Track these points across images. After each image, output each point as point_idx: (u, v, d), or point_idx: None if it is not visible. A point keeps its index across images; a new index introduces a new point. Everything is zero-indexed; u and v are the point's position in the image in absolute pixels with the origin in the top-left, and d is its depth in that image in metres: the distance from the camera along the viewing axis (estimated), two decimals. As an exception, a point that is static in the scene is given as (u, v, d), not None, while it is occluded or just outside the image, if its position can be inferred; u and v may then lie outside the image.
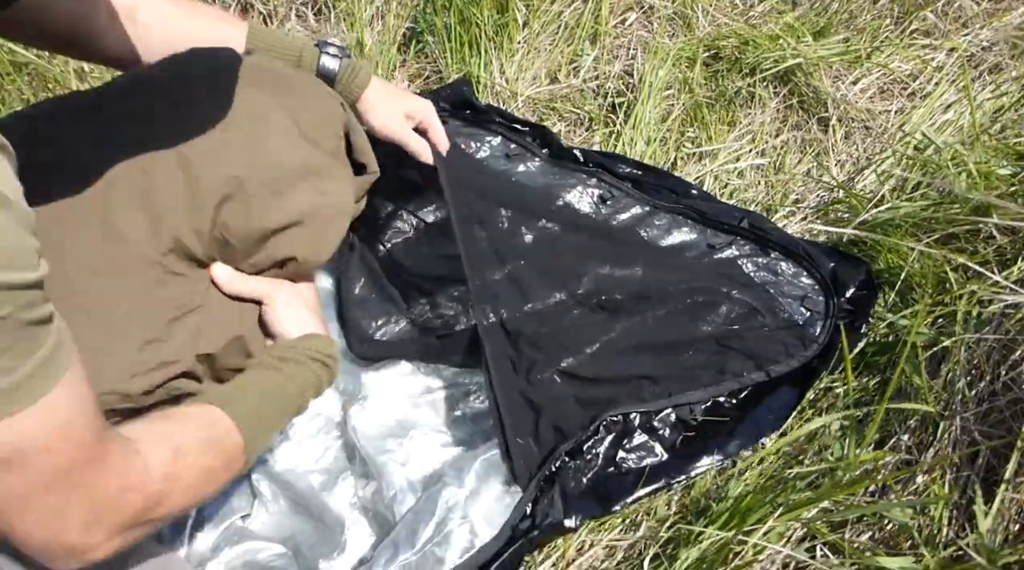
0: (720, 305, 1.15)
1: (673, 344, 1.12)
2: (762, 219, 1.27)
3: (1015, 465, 0.85)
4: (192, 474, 0.68)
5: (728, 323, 1.14)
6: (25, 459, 0.52)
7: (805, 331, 1.13)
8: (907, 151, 1.37)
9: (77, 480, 0.56)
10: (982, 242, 1.08)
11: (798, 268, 1.21)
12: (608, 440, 1.04)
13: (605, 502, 1.00)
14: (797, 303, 1.17)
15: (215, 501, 1.00)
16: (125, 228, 0.79)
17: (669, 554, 0.93)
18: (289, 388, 0.84)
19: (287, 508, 1.03)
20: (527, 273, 1.15)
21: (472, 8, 1.58)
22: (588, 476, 1.02)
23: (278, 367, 0.85)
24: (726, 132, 1.49)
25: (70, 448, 0.54)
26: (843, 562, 0.87)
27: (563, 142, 1.41)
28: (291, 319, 0.90)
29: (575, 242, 1.20)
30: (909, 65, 1.54)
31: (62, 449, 0.54)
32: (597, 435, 1.04)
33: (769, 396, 1.09)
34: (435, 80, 1.66)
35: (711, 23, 1.64)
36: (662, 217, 1.27)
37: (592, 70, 1.62)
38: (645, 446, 1.05)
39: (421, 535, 0.94)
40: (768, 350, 1.11)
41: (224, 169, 0.82)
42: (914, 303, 1.10)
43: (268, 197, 0.84)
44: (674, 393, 1.07)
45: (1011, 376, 0.91)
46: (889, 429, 1.00)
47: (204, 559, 0.95)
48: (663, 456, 1.04)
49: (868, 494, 0.95)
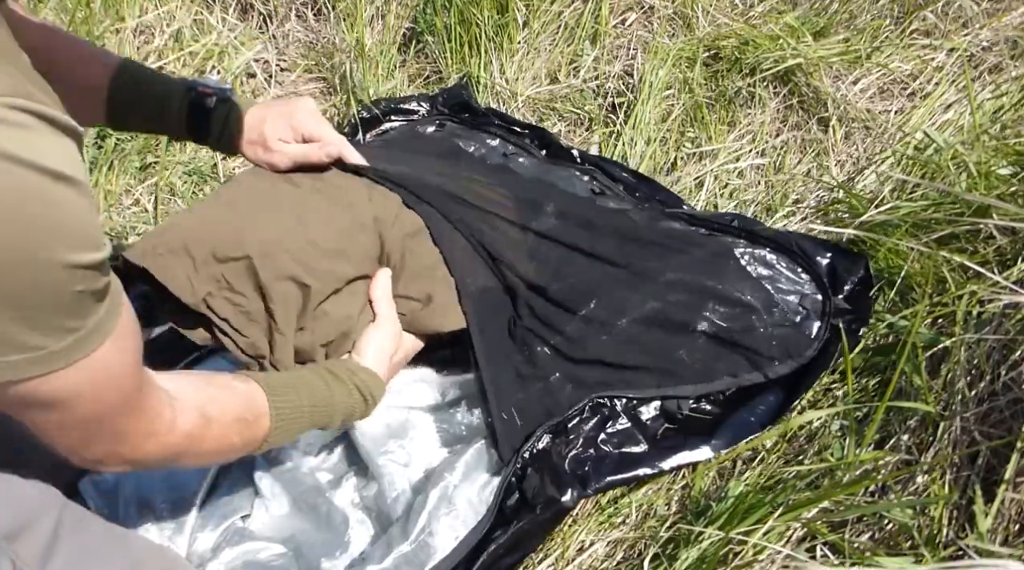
0: (716, 297, 1.13)
1: (668, 335, 1.11)
2: (753, 221, 1.26)
3: (1015, 465, 0.85)
4: (212, 443, 0.75)
5: (724, 318, 1.12)
6: (70, 403, 0.58)
7: (801, 331, 1.12)
8: (907, 151, 1.37)
9: (108, 422, 0.62)
10: (982, 242, 1.08)
11: (793, 263, 1.19)
12: (592, 422, 1.04)
13: (581, 484, 1.00)
14: (795, 300, 1.15)
15: (216, 501, 1.00)
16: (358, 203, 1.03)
17: (669, 554, 0.94)
18: (329, 406, 0.90)
19: (288, 508, 1.03)
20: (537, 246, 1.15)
21: (472, 8, 1.58)
22: (568, 456, 1.02)
23: (328, 382, 0.90)
24: (726, 132, 1.49)
25: (111, 396, 0.60)
26: (843, 562, 0.87)
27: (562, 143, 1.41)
28: (376, 352, 0.99)
29: (577, 221, 1.20)
30: (909, 65, 1.54)
31: (104, 397, 0.60)
32: (583, 415, 1.04)
33: (756, 398, 1.08)
34: (435, 80, 1.67)
35: (711, 23, 1.64)
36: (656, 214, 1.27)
37: (592, 70, 1.62)
38: (627, 432, 1.05)
39: (415, 526, 0.95)
40: (763, 350, 1.10)
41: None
42: (914, 303, 1.09)
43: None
44: (664, 385, 1.07)
45: (1011, 376, 0.91)
46: (889, 429, 1.00)
47: (205, 559, 0.96)
48: (643, 446, 1.04)
49: (868, 494, 0.94)
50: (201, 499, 0.99)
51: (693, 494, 1.02)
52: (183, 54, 1.62)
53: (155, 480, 1.00)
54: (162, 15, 1.66)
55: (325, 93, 1.70)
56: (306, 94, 1.70)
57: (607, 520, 1.03)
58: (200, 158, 1.54)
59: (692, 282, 1.14)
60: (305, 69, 1.71)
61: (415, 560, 0.94)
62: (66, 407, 0.58)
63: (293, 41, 1.75)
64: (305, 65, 1.71)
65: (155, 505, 0.98)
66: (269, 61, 1.71)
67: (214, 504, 1.00)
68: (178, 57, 1.62)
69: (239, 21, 1.75)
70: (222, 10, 1.73)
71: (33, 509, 0.74)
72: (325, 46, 1.71)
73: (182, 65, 1.62)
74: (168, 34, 1.65)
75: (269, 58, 1.71)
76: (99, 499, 0.98)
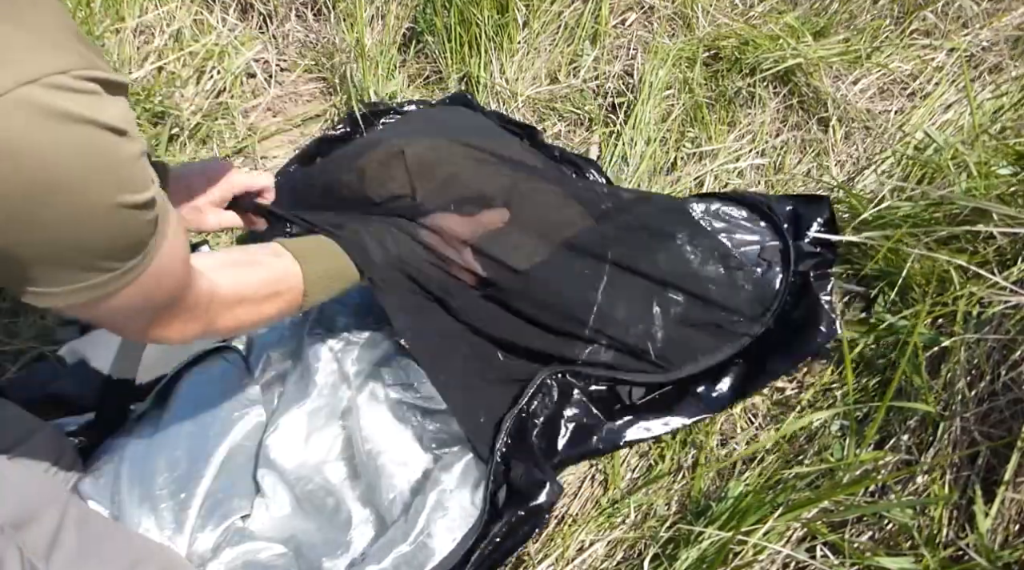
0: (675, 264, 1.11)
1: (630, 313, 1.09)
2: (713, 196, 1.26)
3: (1015, 465, 0.85)
4: (249, 316, 0.87)
5: (685, 283, 1.10)
6: (140, 300, 0.68)
7: (764, 289, 1.08)
8: (907, 151, 1.37)
9: (161, 310, 0.74)
10: (982, 242, 1.08)
11: (751, 213, 1.16)
12: (550, 400, 1.06)
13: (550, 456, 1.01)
14: (753, 252, 1.12)
15: (216, 501, 1.00)
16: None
17: (669, 554, 0.94)
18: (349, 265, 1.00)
19: (289, 508, 1.03)
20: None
21: (472, 8, 1.58)
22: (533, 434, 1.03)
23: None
24: (726, 132, 1.49)
25: (162, 294, 0.71)
26: (843, 562, 0.87)
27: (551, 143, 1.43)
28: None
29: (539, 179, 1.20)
30: (909, 65, 1.54)
31: (157, 296, 0.71)
32: (540, 395, 1.05)
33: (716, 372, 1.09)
34: (435, 80, 1.66)
35: (711, 23, 1.64)
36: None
37: (592, 70, 1.62)
38: (580, 404, 1.07)
39: (415, 527, 0.96)
40: (724, 322, 1.07)
41: None
42: (914, 303, 1.09)
43: None
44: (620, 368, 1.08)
45: (1011, 376, 0.91)
46: (889, 429, 1.00)
47: (205, 559, 0.95)
48: (599, 419, 1.05)
49: (868, 494, 0.94)
50: (201, 499, 0.99)
51: (693, 494, 1.02)
52: (183, 54, 1.62)
53: (155, 479, 1.00)
54: (162, 15, 1.66)
55: (325, 93, 1.70)
56: (306, 94, 1.70)
57: (607, 520, 1.03)
58: (200, 159, 1.54)
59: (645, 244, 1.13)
60: (305, 69, 1.71)
61: (414, 561, 0.95)
62: (136, 305, 0.69)
63: (293, 41, 1.75)
64: (305, 65, 1.71)
65: (155, 505, 0.98)
66: (269, 61, 1.71)
67: (214, 504, 1.00)
68: (178, 57, 1.62)
69: (239, 21, 1.75)
70: (222, 10, 1.73)
71: (40, 501, 0.75)
72: (325, 46, 1.71)
73: (182, 65, 1.62)
74: (168, 34, 1.65)
75: (269, 58, 1.71)
76: (99, 498, 0.98)
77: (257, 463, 1.06)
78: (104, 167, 0.57)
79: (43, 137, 0.53)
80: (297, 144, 1.60)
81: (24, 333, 1.29)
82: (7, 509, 0.72)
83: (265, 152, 1.60)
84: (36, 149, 0.53)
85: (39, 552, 0.72)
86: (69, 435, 1.07)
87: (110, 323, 0.74)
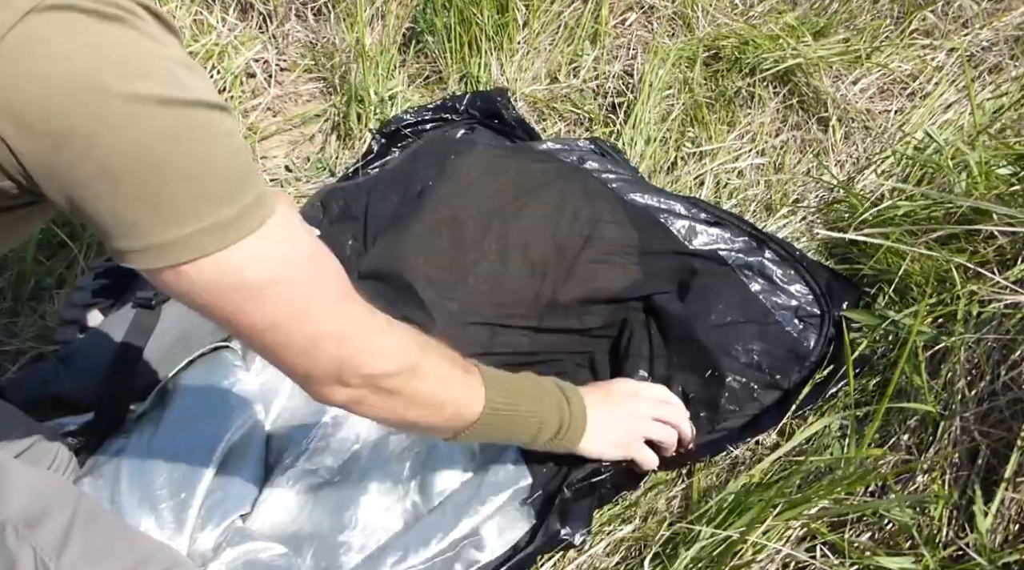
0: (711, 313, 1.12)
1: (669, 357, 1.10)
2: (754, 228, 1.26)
3: (1015, 465, 0.85)
4: (426, 396, 0.76)
5: (723, 335, 1.10)
6: (264, 280, 0.63)
7: (799, 345, 1.11)
8: (907, 151, 1.37)
9: (314, 309, 0.66)
10: (982, 242, 1.08)
11: (793, 273, 1.17)
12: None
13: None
14: (790, 314, 1.14)
15: (216, 500, 1.00)
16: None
17: (669, 554, 0.93)
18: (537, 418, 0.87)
19: (291, 507, 1.03)
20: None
21: (472, 8, 1.58)
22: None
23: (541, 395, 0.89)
24: (726, 132, 1.49)
25: (296, 256, 0.65)
26: (843, 562, 0.87)
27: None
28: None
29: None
30: (909, 65, 1.54)
31: (290, 257, 0.64)
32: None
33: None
34: (435, 80, 1.67)
35: (711, 23, 1.64)
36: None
37: (592, 70, 1.62)
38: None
39: (433, 547, 0.94)
40: (760, 372, 1.08)
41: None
42: (914, 303, 1.09)
43: None
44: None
45: (1011, 376, 0.91)
46: (889, 429, 1.00)
47: (206, 559, 0.95)
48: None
49: (868, 493, 0.94)
50: (201, 498, 0.99)
51: (693, 494, 1.02)
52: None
53: (155, 479, 1.00)
54: (162, 15, 1.66)
55: (325, 93, 1.70)
56: (306, 94, 1.70)
57: (607, 518, 1.03)
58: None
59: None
60: (305, 69, 1.71)
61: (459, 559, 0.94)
62: (262, 288, 0.62)
63: (293, 41, 1.75)
64: (305, 65, 1.71)
65: (155, 504, 0.98)
66: (269, 61, 1.71)
67: (214, 503, 1.00)
68: (178, 57, 1.62)
69: (239, 21, 1.75)
70: (222, 10, 1.73)
71: (51, 500, 0.75)
72: (325, 46, 1.72)
73: (182, 65, 1.62)
74: (168, 34, 1.65)
75: (269, 58, 1.71)
76: (98, 499, 0.98)
77: (257, 462, 1.06)
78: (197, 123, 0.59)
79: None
80: (297, 144, 1.60)
81: (24, 333, 1.29)
82: (20, 508, 0.72)
83: (265, 152, 1.60)
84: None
85: (50, 550, 0.72)
86: (69, 435, 1.07)
87: (251, 334, 0.66)
